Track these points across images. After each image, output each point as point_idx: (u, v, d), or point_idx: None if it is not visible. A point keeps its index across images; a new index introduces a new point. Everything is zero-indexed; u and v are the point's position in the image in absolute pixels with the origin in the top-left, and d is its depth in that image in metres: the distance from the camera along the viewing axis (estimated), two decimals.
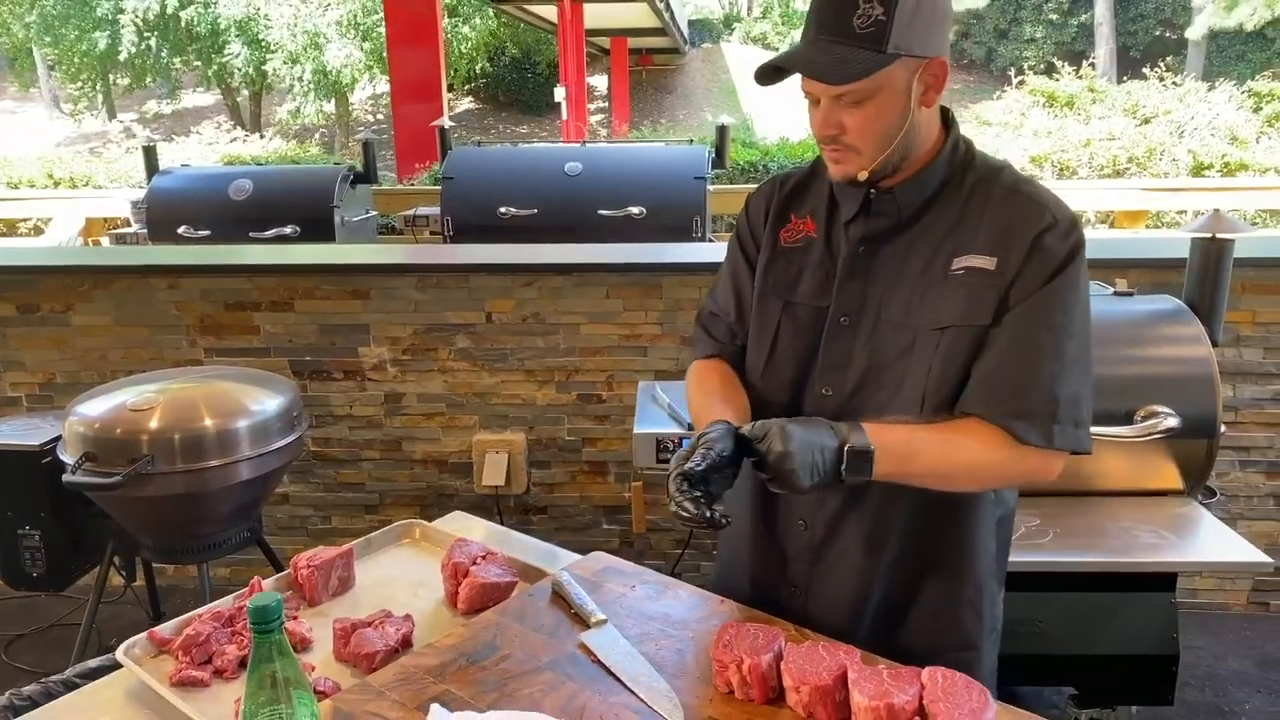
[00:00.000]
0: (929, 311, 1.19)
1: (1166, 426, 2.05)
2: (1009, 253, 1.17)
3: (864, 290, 1.24)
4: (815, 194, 1.32)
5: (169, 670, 1.18)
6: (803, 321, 1.28)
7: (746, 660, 1.01)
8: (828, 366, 1.25)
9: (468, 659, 1.11)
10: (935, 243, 1.21)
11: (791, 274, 1.30)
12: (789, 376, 1.29)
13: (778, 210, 1.35)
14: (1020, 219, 1.18)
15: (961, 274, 1.18)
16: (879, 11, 1.12)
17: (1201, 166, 7.42)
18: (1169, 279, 2.66)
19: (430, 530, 1.55)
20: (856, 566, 1.25)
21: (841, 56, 1.13)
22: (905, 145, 1.19)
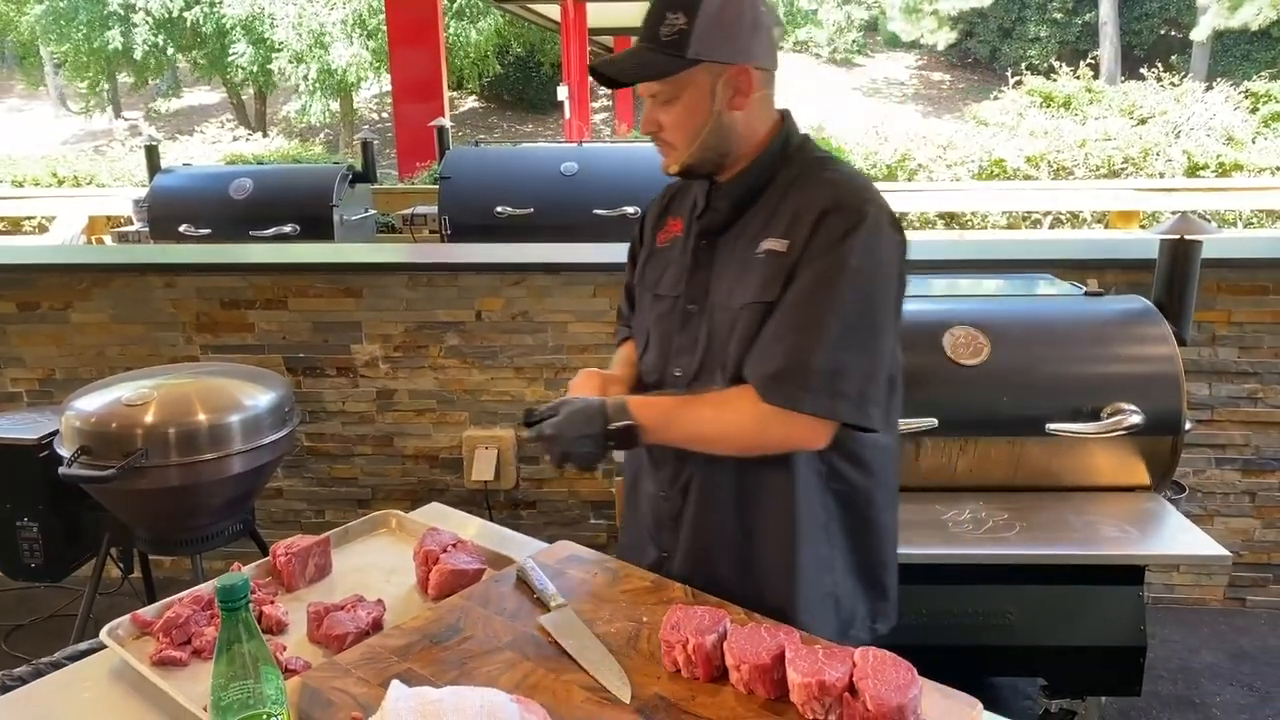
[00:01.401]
0: (739, 293, 1.31)
1: (1131, 423, 2.11)
2: (798, 233, 1.28)
3: (706, 279, 1.37)
4: (688, 198, 1.46)
5: (150, 650, 1.24)
6: (666, 311, 1.42)
7: (691, 640, 1.07)
8: (679, 350, 1.39)
9: (431, 640, 1.16)
10: (753, 231, 1.33)
11: (660, 270, 1.45)
12: (656, 361, 1.43)
13: (658, 215, 1.52)
14: (811, 202, 1.28)
15: (762, 256, 1.30)
16: (682, 22, 1.27)
17: (1196, 167, 7.45)
18: (1143, 279, 2.71)
19: (406, 520, 1.61)
20: (706, 529, 1.37)
21: (645, 60, 1.28)
22: (719, 143, 1.32)
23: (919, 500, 2.19)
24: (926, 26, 22.47)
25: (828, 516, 1.35)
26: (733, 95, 1.30)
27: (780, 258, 1.28)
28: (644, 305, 1.48)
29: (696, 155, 1.33)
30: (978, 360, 2.20)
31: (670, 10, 1.27)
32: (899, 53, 25.40)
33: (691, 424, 1.30)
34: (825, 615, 1.36)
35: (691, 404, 1.32)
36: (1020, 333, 2.26)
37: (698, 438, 1.31)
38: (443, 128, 5.58)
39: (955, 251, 3.51)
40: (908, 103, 23.39)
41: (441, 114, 8.26)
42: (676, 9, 1.27)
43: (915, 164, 7.47)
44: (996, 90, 12.72)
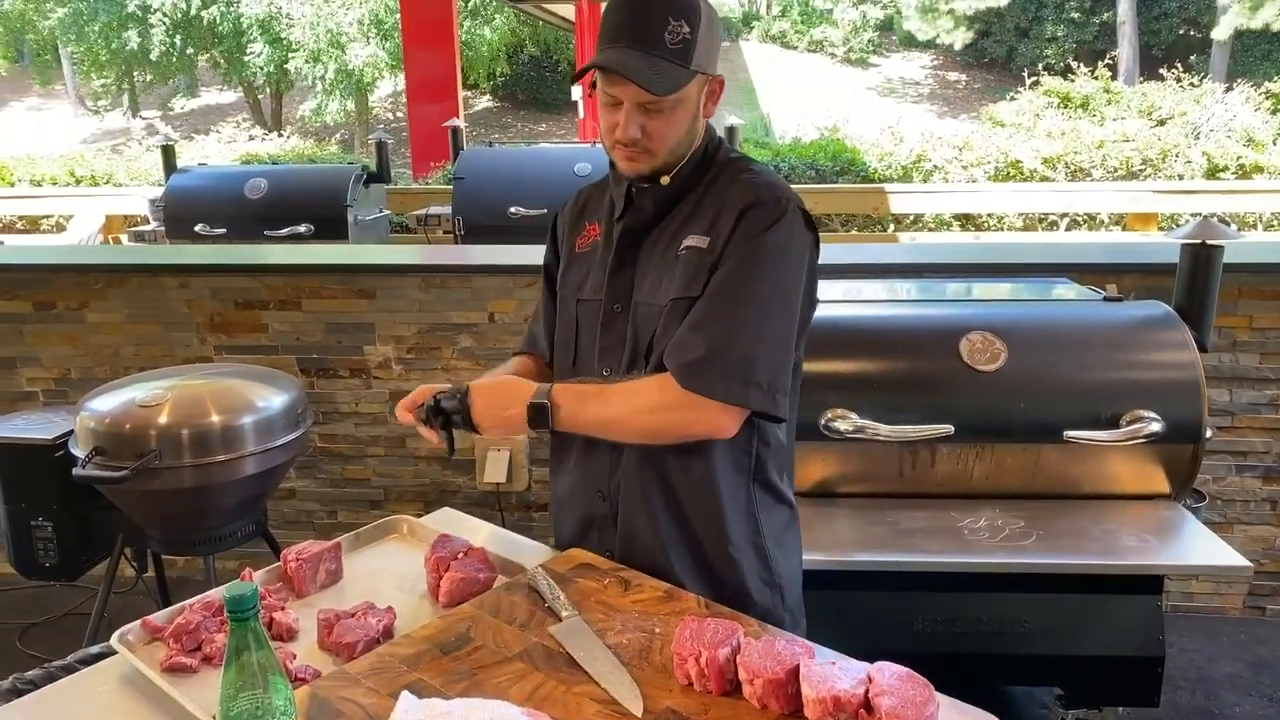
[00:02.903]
0: (663, 290, 1.33)
1: (1150, 431, 2.08)
2: (719, 231, 1.31)
3: (630, 278, 1.37)
4: (603, 201, 1.47)
5: (161, 656, 1.24)
6: (590, 314, 1.42)
7: (704, 653, 1.05)
8: (605, 349, 1.40)
9: (441, 649, 1.15)
10: (675, 230, 1.35)
11: (581, 275, 1.44)
12: (590, 366, 1.42)
13: (573, 221, 1.50)
14: (731, 200, 1.32)
15: (685, 253, 1.32)
16: (686, 31, 1.25)
17: (1216, 169, 7.36)
18: (1163, 284, 2.68)
19: (417, 526, 1.60)
20: (642, 528, 1.38)
21: (659, 69, 1.25)
22: (686, 149, 1.35)
23: (934, 507, 2.17)
24: (943, 26, 22.35)
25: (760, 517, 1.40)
26: (707, 103, 1.34)
27: (702, 254, 1.31)
28: (566, 311, 1.47)
29: (670, 160, 1.34)
30: (995, 366, 2.17)
31: (674, 17, 1.25)
32: (914, 52, 25.28)
33: (603, 408, 1.31)
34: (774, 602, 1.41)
35: (605, 389, 1.33)
36: (1038, 338, 2.23)
37: (609, 421, 1.32)
38: (457, 128, 5.59)
39: (971, 254, 3.48)
40: (923, 103, 23.28)
41: (456, 114, 8.27)
42: (679, 16, 1.25)
43: (931, 165, 7.42)
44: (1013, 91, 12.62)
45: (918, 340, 2.26)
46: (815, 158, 7.33)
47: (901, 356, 2.24)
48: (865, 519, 2.14)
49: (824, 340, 2.25)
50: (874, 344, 2.27)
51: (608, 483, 1.42)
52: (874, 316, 2.42)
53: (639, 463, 1.37)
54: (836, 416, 2.14)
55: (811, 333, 2.21)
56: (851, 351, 2.26)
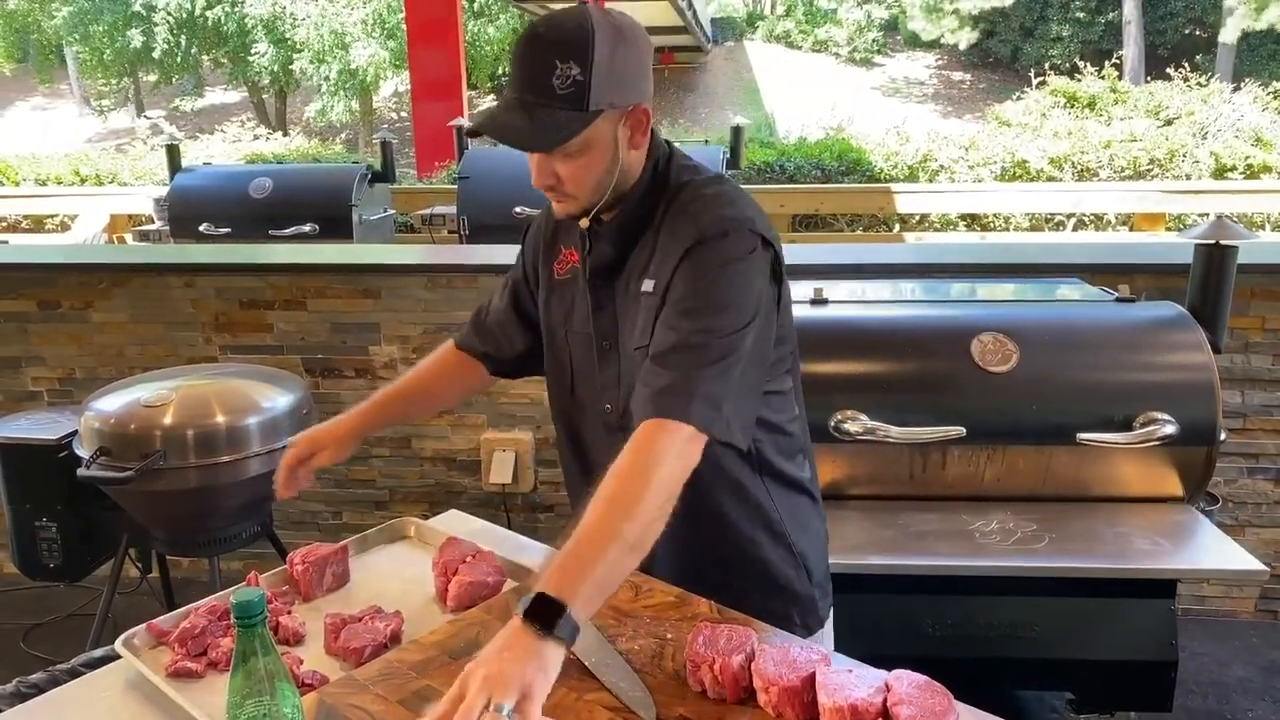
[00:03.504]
0: (630, 333, 1.30)
1: (1164, 434, 2.06)
2: (662, 274, 1.24)
3: (613, 319, 1.32)
4: (576, 225, 1.37)
5: (166, 661, 1.22)
6: (583, 347, 1.37)
7: (718, 660, 1.03)
8: (604, 386, 1.35)
9: (450, 655, 1.14)
10: (635, 268, 1.30)
11: (566, 304, 1.39)
12: (585, 396, 1.38)
13: (548, 242, 1.43)
14: (673, 241, 1.24)
15: (641, 298, 1.27)
16: (576, 72, 1.16)
17: (1224, 169, 7.32)
18: (1175, 284, 2.65)
19: (424, 528, 1.58)
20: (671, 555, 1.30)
21: (545, 120, 1.17)
22: (617, 184, 1.26)
23: (945, 509, 2.15)
24: (947, 26, 22.31)
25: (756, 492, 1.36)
26: (631, 135, 1.25)
27: (649, 298, 1.25)
28: (556, 344, 1.41)
29: (595, 200, 1.27)
30: (1006, 367, 2.15)
31: (560, 59, 1.15)
32: (919, 52, 25.25)
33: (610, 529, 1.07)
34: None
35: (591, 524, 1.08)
36: (1050, 339, 2.21)
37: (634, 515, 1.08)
38: (461, 127, 5.57)
39: (980, 255, 3.46)
40: (927, 103, 23.25)
41: (460, 113, 8.26)
42: (567, 57, 1.15)
43: (937, 164, 7.39)
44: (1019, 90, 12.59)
45: (928, 341, 2.24)
46: (821, 157, 7.31)
47: (912, 357, 2.22)
48: (876, 521, 2.12)
49: (833, 341, 2.24)
50: (884, 345, 2.25)
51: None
52: (883, 317, 2.40)
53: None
54: (846, 418, 2.12)
55: (820, 334, 2.20)
56: (861, 353, 2.24)
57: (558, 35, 1.17)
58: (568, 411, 1.43)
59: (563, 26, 1.17)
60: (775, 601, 1.37)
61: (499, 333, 1.53)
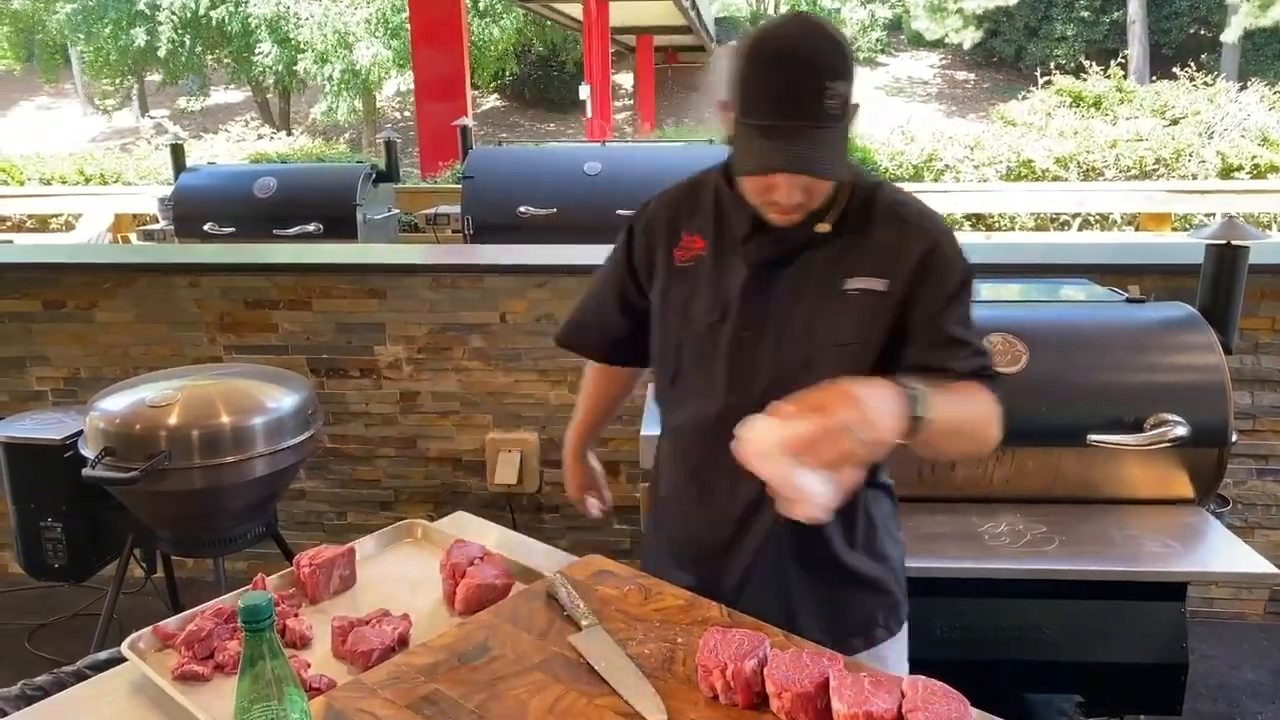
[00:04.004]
0: (827, 329, 1.28)
1: (1175, 435, 2.04)
2: (897, 273, 1.26)
3: (765, 306, 1.30)
4: (700, 211, 1.37)
5: (172, 664, 1.21)
6: (701, 337, 1.35)
7: (730, 666, 1.02)
8: (736, 376, 1.32)
9: (459, 659, 1.13)
10: (829, 263, 1.28)
11: (686, 293, 1.36)
12: (694, 389, 1.36)
13: (666, 230, 1.40)
14: (903, 241, 1.26)
15: (856, 294, 1.26)
16: (844, 88, 1.15)
17: (1231, 168, 7.30)
18: (1185, 285, 2.64)
19: (432, 530, 1.57)
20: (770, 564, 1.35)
21: (827, 143, 1.15)
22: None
23: (954, 512, 2.13)
24: (951, 25, 22.28)
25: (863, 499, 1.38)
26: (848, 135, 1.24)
27: (880, 297, 1.26)
28: (667, 333, 1.40)
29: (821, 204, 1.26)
30: (1015, 368, 2.13)
31: (829, 79, 1.13)
32: (922, 51, 25.22)
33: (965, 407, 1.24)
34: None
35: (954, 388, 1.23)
36: (1059, 340, 2.19)
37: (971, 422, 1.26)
38: (466, 127, 5.56)
39: (988, 254, 3.44)
40: (931, 102, 23.22)
41: (464, 113, 8.25)
42: (835, 76, 1.13)
43: (942, 164, 7.36)
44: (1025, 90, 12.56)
45: None
46: None
47: None
48: None
49: None
50: None
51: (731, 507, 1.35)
52: None
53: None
54: None
55: None
56: None
57: (822, 54, 1.14)
58: (669, 403, 1.43)
59: (819, 43, 1.14)
60: (866, 601, 1.39)
61: (596, 323, 1.54)
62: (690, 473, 1.40)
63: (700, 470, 1.38)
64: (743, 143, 1.19)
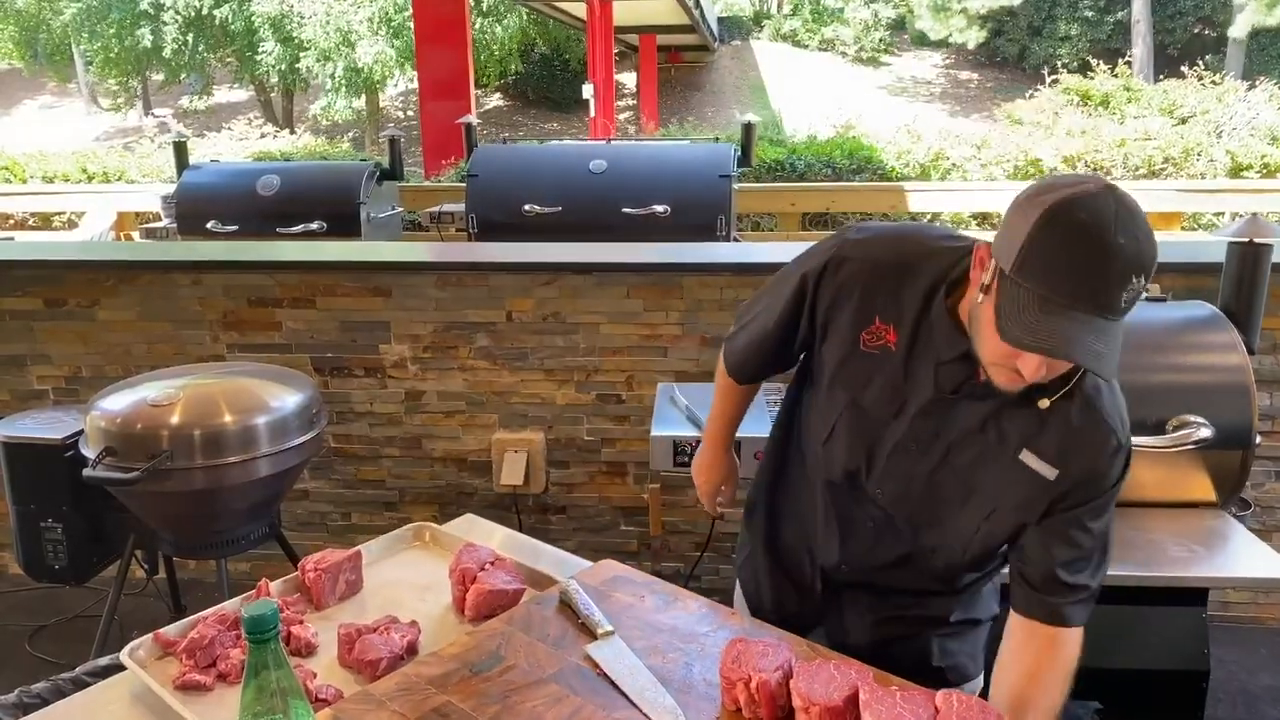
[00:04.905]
0: (990, 484, 1.26)
1: (1200, 437, 1.99)
2: (1069, 470, 1.22)
3: (937, 428, 1.27)
4: (902, 301, 1.27)
5: (173, 673, 1.17)
6: (863, 420, 1.32)
7: (754, 678, 0.98)
8: (887, 475, 1.31)
9: (471, 669, 1.09)
10: (1014, 424, 1.24)
11: (863, 377, 1.31)
12: (841, 461, 1.35)
13: (862, 305, 1.30)
14: (1089, 442, 1.22)
15: (1027, 470, 1.23)
16: (1143, 284, 1.04)
17: (1240, 168, 7.24)
18: (1203, 284, 2.59)
19: (440, 533, 1.53)
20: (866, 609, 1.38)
21: (1111, 336, 1.06)
22: None
23: None
24: (955, 25, 22.23)
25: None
26: None
27: (1047, 485, 1.23)
28: (834, 403, 1.35)
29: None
30: None
31: (1137, 276, 1.03)
32: (926, 51, 25.17)
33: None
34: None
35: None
36: None
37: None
38: (470, 125, 5.52)
39: None
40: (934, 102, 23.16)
41: (468, 111, 8.21)
42: (1142, 274, 1.03)
43: (949, 163, 7.31)
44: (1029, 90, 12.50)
45: None
46: (831, 155, 7.24)
47: None
48: None
49: None
50: None
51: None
52: None
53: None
54: None
55: None
56: None
57: (1139, 244, 1.04)
58: (815, 456, 1.40)
59: (1137, 232, 1.04)
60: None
61: (763, 359, 1.51)
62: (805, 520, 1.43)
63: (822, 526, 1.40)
64: (1011, 305, 1.07)
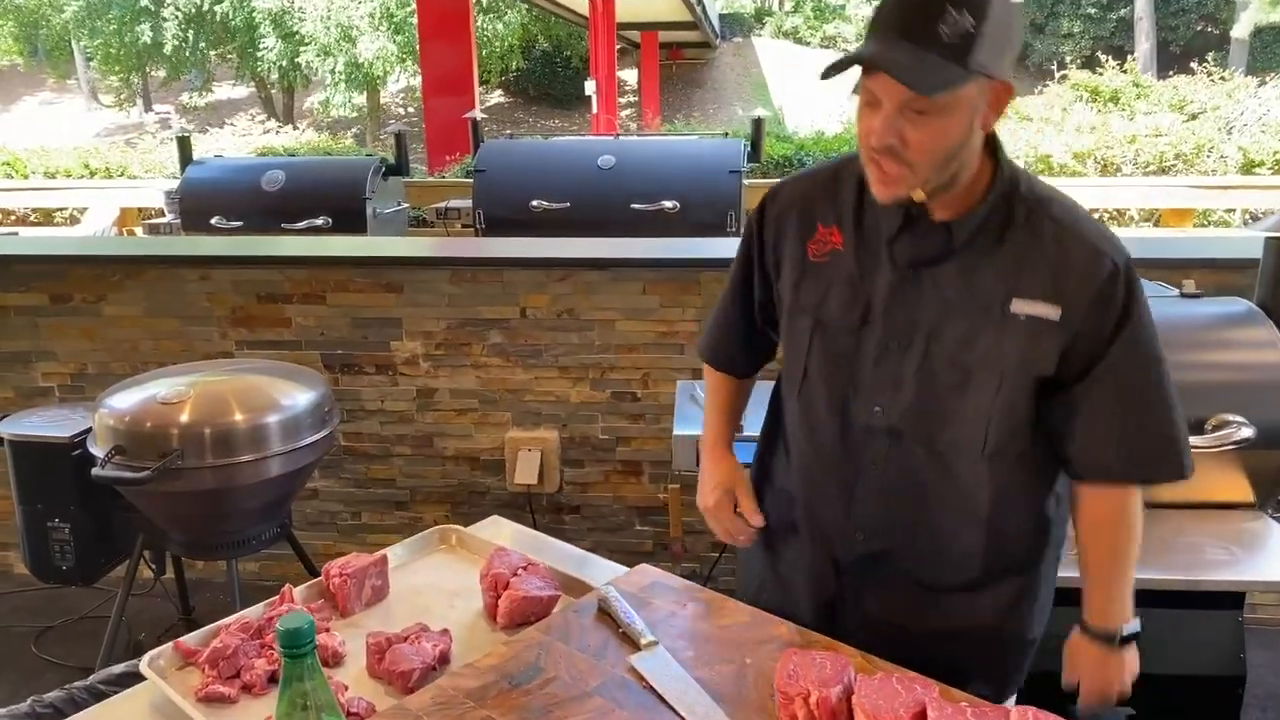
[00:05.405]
0: (987, 352, 1.17)
1: (1241, 437, 1.94)
2: (1072, 303, 1.15)
3: (912, 317, 1.19)
4: (840, 201, 1.25)
5: (195, 684, 1.12)
6: (833, 339, 1.24)
7: (814, 693, 0.93)
8: (875, 388, 1.22)
9: (510, 681, 1.03)
10: (990, 279, 1.17)
11: (820, 290, 1.25)
12: (825, 395, 1.26)
13: (802, 220, 1.28)
14: (1082, 267, 1.15)
15: (1023, 320, 1.16)
16: (970, 23, 1.04)
17: (1252, 164, 7.19)
18: (1233, 280, 2.54)
19: (467, 537, 1.48)
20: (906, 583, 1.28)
21: (928, 64, 1.05)
22: (958, 168, 1.14)
23: None
24: None
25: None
26: (987, 114, 1.13)
27: (1052, 327, 1.15)
28: (797, 331, 1.28)
29: (934, 180, 1.12)
30: None
31: (954, 5, 1.04)
32: None
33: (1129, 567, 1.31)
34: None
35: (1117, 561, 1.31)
36: None
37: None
38: (476, 120, 5.46)
39: None
40: None
41: (472, 107, 8.14)
42: (962, 6, 1.04)
43: None
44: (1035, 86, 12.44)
45: None
46: (840, 151, 7.19)
47: None
48: None
49: None
50: None
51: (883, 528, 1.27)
52: None
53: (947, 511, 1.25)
54: None
55: None
56: None
57: None
58: (797, 406, 1.31)
59: None
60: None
61: (737, 336, 1.44)
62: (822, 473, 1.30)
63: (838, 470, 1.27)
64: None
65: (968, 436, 1.19)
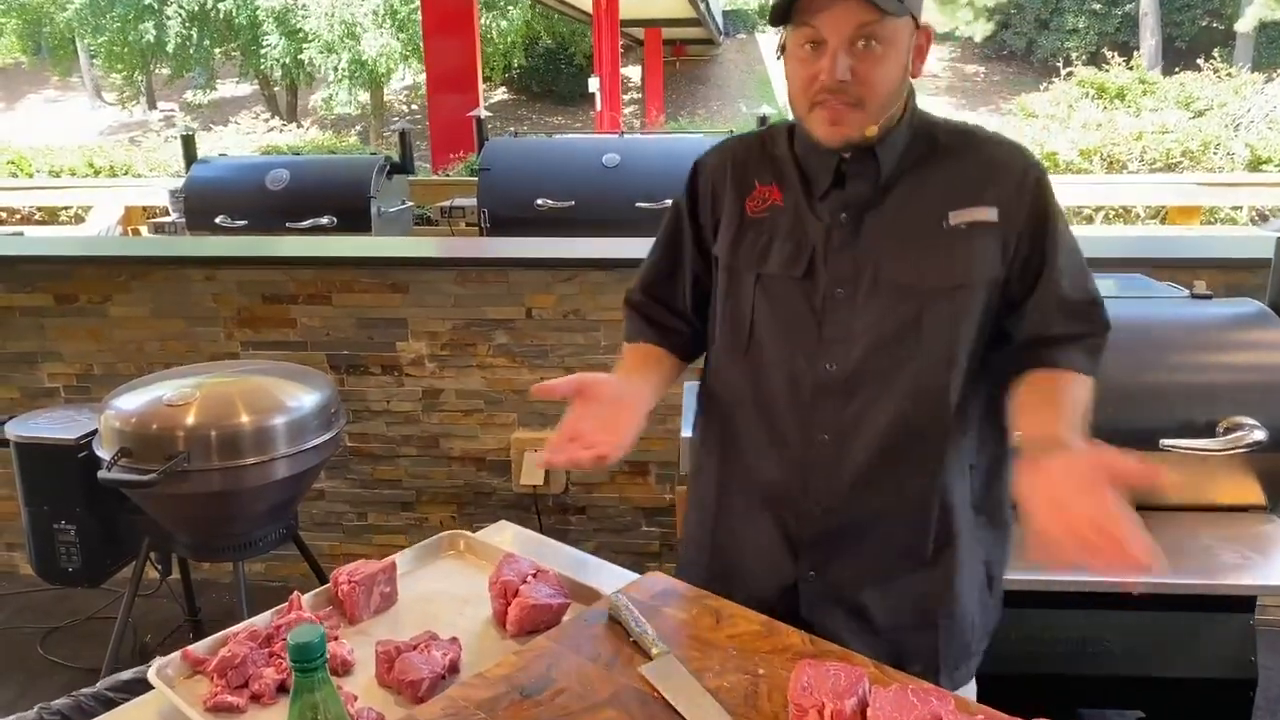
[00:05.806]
0: (936, 271, 1.18)
1: (1253, 440, 1.92)
2: (1007, 203, 1.19)
3: (854, 259, 1.20)
4: (777, 161, 1.28)
5: (203, 693, 1.11)
6: (777, 295, 1.24)
7: (829, 706, 0.92)
8: (829, 340, 1.21)
9: (521, 692, 1.03)
10: (923, 205, 1.19)
11: (761, 245, 1.25)
12: (774, 354, 1.25)
13: (738, 179, 1.29)
14: (1010, 169, 1.21)
15: (964, 229, 1.18)
16: None
17: (1260, 161, 7.16)
18: (1243, 280, 2.53)
19: (475, 542, 1.47)
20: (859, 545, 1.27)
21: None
22: (894, 110, 1.19)
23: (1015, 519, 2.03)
24: (962, 18, 22.09)
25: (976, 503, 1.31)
26: (914, 59, 1.19)
27: (992, 228, 1.19)
28: (739, 289, 1.26)
29: (878, 118, 1.15)
30: None
31: None
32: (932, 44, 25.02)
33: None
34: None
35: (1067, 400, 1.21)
36: (1124, 338, 2.02)
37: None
38: (481, 118, 5.45)
39: None
40: (941, 95, 23.04)
41: (476, 105, 8.13)
42: None
43: None
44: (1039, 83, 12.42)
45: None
46: None
47: None
48: None
49: None
50: None
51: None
52: None
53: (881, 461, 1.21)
54: None
55: None
56: None
57: None
58: (740, 370, 1.28)
59: None
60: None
61: (677, 299, 1.37)
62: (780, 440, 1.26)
63: (794, 435, 1.24)
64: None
65: (934, 364, 1.19)
